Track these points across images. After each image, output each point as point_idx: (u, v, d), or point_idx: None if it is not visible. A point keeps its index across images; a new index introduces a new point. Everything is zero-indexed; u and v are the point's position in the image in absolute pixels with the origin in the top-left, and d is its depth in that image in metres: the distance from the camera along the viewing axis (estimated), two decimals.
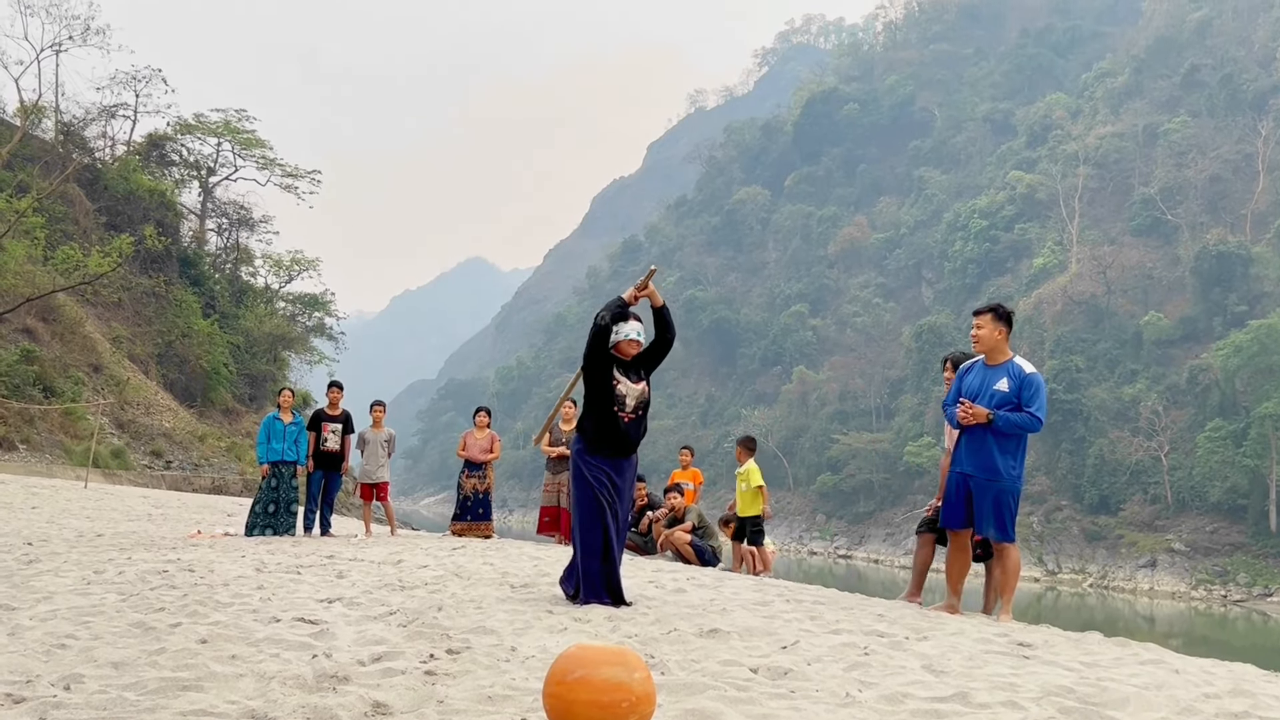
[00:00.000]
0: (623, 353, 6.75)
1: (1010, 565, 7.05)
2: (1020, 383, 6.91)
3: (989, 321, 7.14)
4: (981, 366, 7.20)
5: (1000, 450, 6.90)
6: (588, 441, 6.72)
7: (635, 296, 6.81)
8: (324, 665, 4.29)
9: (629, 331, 6.72)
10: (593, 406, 6.72)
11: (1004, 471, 6.89)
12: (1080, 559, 61.50)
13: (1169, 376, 68.61)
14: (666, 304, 6.92)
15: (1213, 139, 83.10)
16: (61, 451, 33.79)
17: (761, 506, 12.49)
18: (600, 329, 6.69)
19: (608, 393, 6.66)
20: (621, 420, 6.67)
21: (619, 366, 6.74)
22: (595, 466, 6.66)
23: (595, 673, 3.16)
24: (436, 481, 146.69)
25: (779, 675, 4.49)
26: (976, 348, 7.22)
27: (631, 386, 6.72)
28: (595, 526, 6.59)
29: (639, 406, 6.77)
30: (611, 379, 6.68)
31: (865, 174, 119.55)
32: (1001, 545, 7.02)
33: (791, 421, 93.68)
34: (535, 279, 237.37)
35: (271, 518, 13.30)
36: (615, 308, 6.78)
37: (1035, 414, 6.82)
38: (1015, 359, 7.08)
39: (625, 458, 6.76)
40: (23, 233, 40.29)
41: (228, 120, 59.25)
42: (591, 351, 6.73)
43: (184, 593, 6.45)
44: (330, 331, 64.10)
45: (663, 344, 6.91)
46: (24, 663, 4.15)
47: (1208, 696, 4.35)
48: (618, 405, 6.66)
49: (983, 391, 7.04)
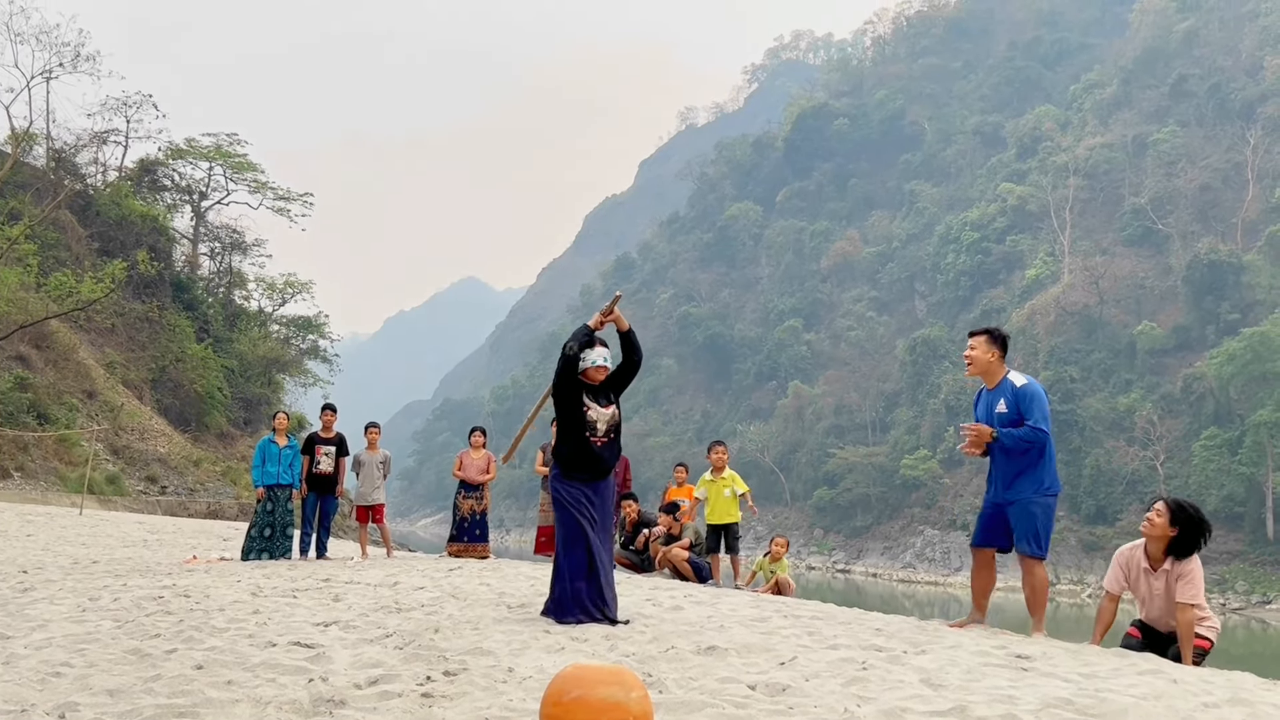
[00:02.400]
0: (590, 379, 6.95)
1: (1037, 582, 6.97)
2: (1016, 398, 6.90)
3: (983, 343, 7.12)
4: (985, 392, 7.22)
5: (1021, 469, 6.87)
6: (563, 466, 6.91)
7: (601, 322, 7.00)
8: (320, 689, 4.27)
9: (595, 358, 6.93)
10: (566, 433, 6.93)
11: (1026, 491, 6.85)
12: (1078, 569, 61.49)
13: (1163, 386, 68.74)
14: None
15: (1202, 148, 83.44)
16: (56, 478, 33.70)
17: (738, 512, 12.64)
18: (569, 359, 6.88)
19: (579, 419, 6.86)
20: (594, 445, 6.86)
21: (588, 392, 6.94)
22: (573, 490, 6.83)
23: (592, 692, 3.14)
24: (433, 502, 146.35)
25: (777, 692, 4.48)
26: (970, 370, 7.20)
27: (601, 411, 6.92)
28: (579, 547, 6.72)
29: (610, 430, 6.96)
30: (582, 405, 6.87)
31: (856, 188, 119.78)
32: (1027, 561, 6.95)
33: (787, 436, 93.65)
34: (529, 298, 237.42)
35: (268, 541, 13.27)
36: (581, 336, 6.98)
37: (1034, 426, 6.78)
38: (1008, 375, 7.06)
39: (601, 480, 6.94)
40: (15, 260, 40.26)
41: (219, 144, 59.29)
42: (560, 380, 6.92)
43: (180, 619, 6.43)
44: (324, 354, 63.97)
45: (630, 366, 7.13)
46: (19, 691, 4.13)
47: (1206, 706, 4.35)
48: (589, 431, 6.86)
49: (987, 418, 7.06)
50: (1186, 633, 6.41)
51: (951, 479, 75.83)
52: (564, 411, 6.92)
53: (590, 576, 6.66)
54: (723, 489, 12.51)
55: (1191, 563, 6.48)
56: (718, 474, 12.67)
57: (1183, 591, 6.44)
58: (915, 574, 69.73)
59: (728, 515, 12.51)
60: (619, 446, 7.06)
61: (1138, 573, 6.72)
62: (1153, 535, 6.56)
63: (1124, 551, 6.85)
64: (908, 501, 78.24)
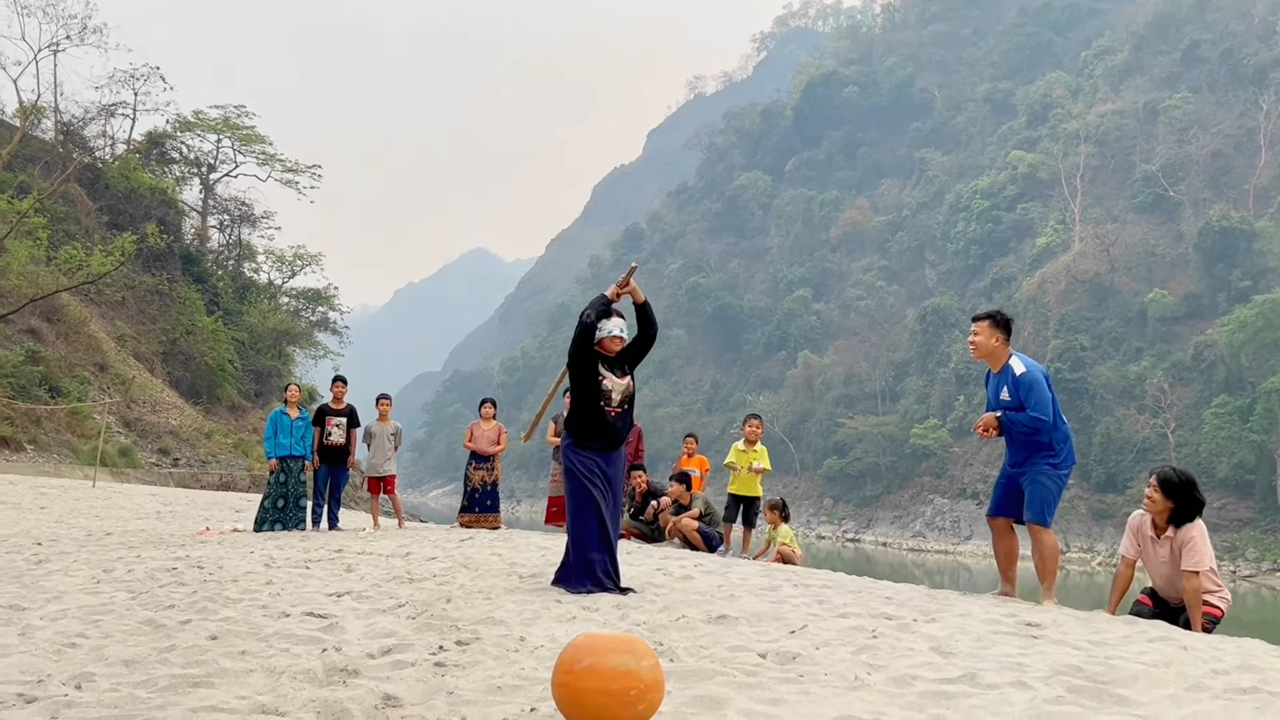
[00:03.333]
0: (606, 349, 6.95)
1: (1046, 549, 7.03)
2: (1016, 386, 6.95)
3: (986, 328, 7.14)
4: (991, 374, 7.27)
5: (1034, 447, 6.95)
6: (576, 436, 6.90)
7: (617, 294, 7.00)
8: (334, 659, 4.30)
9: (612, 328, 6.93)
10: (580, 402, 6.92)
11: (1038, 463, 6.93)
12: (1088, 537, 61.50)
13: (1174, 353, 68.47)
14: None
15: (1214, 114, 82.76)
16: (69, 451, 33.87)
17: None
18: (585, 327, 6.89)
19: (594, 388, 6.85)
20: (608, 414, 6.86)
21: (603, 362, 6.93)
22: (585, 459, 6.84)
23: (603, 661, 3.17)
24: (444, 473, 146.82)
25: (787, 660, 4.50)
26: (974, 354, 7.24)
27: (616, 381, 6.92)
28: (590, 517, 6.75)
29: (624, 400, 6.97)
30: (597, 375, 6.86)
31: (866, 157, 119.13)
32: (1035, 529, 7.00)
33: (797, 406, 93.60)
34: (538, 269, 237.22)
35: (280, 513, 13.33)
36: (599, 305, 6.97)
37: (1033, 414, 6.85)
38: (1010, 360, 7.08)
39: (614, 450, 6.95)
40: (25, 233, 40.34)
41: (227, 117, 59.24)
42: (577, 349, 6.92)
43: (193, 589, 6.47)
44: (334, 326, 64.12)
45: (645, 339, 7.14)
46: (35, 662, 4.17)
47: (1216, 673, 4.35)
48: (604, 400, 6.85)
49: (995, 401, 7.16)
50: (1194, 600, 6.44)
51: (961, 448, 75.78)
52: (579, 381, 6.93)
53: (603, 547, 6.70)
54: (752, 461, 12.42)
55: (1194, 529, 6.51)
56: (750, 446, 12.52)
57: (1187, 560, 6.47)
58: (925, 543, 69.80)
59: (752, 488, 12.43)
60: (631, 418, 7.08)
61: (1145, 540, 6.77)
62: (1155, 511, 6.62)
63: (1135, 517, 6.89)
64: (917, 470, 78.24)
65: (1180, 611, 6.66)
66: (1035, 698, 3.80)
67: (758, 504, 12.54)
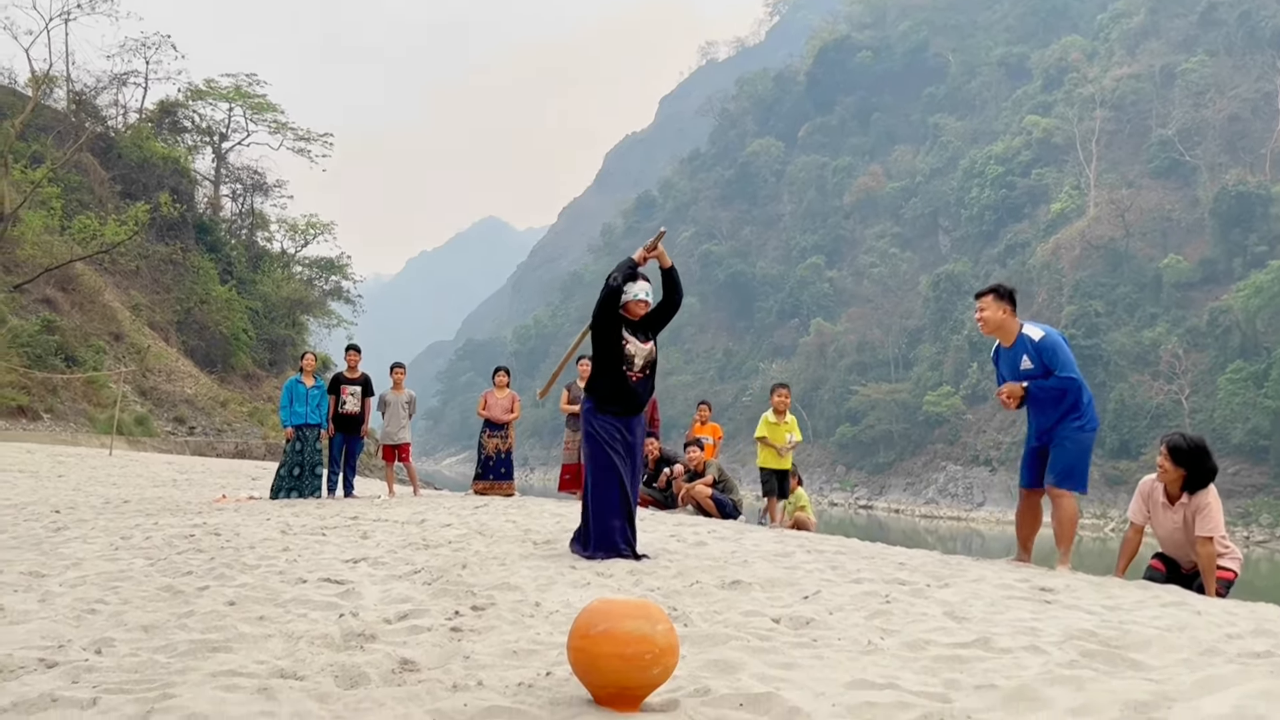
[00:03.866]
0: (631, 313, 6.89)
1: (1065, 515, 7.00)
2: (1038, 352, 6.91)
3: (990, 302, 7.11)
4: (1003, 349, 7.21)
5: (1057, 413, 6.92)
6: (598, 400, 6.85)
7: (644, 257, 6.90)
8: (351, 624, 4.33)
9: (638, 292, 6.85)
10: (602, 366, 6.85)
11: (1063, 430, 6.92)
12: (1102, 504, 61.43)
13: (1189, 319, 68.20)
14: (675, 265, 6.97)
15: (1231, 78, 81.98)
16: (85, 420, 34.07)
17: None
18: (611, 290, 6.81)
19: (617, 352, 6.79)
20: (629, 379, 6.80)
21: (627, 327, 6.86)
22: (606, 424, 6.79)
23: (619, 626, 3.18)
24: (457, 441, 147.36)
25: (801, 625, 4.52)
26: (984, 330, 7.21)
27: (640, 346, 6.85)
28: (611, 483, 6.72)
29: (646, 366, 6.91)
30: (620, 339, 6.80)
31: (879, 122, 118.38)
32: (1056, 493, 6.99)
33: (810, 374, 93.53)
34: (550, 237, 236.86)
35: (297, 480, 13.41)
36: (626, 268, 6.88)
37: (1061, 375, 6.82)
38: (1024, 329, 7.05)
39: (634, 415, 6.89)
40: (39, 203, 40.43)
41: (238, 85, 59.11)
42: (601, 311, 6.85)
43: (211, 556, 6.52)
44: (347, 295, 64.21)
45: (670, 305, 7.03)
46: (55, 628, 4.21)
47: (1230, 637, 4.36)
48: (626, 365, 6.80)
49: (1012, 376, 7.10)
50: (1208, 565, 6.44)
51: (974, 415, 75.75)
52: (602, 344, 6.87)
53: (621, 513, 6.68)
54: (785, 433, 12.05)
55: (1208, 495, 6.50)
56: (781, 417, 12.12)
57: (1201, 525, 6.46)
58: (938, 509, 69.91)
59: (786, 461, 12.12)
60: (653, 383, 7.02)
61: (1156, 506, 6.76)
62: (1168, 480, 6.60)
63: (1146, 483, 6.88)
64: (930, 438, 78.26)
65: (1193, 577, 6.67)
66: (1049, 662, 3.81)
67: (788, 476, 12.29)
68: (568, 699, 3.27)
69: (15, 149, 41.32)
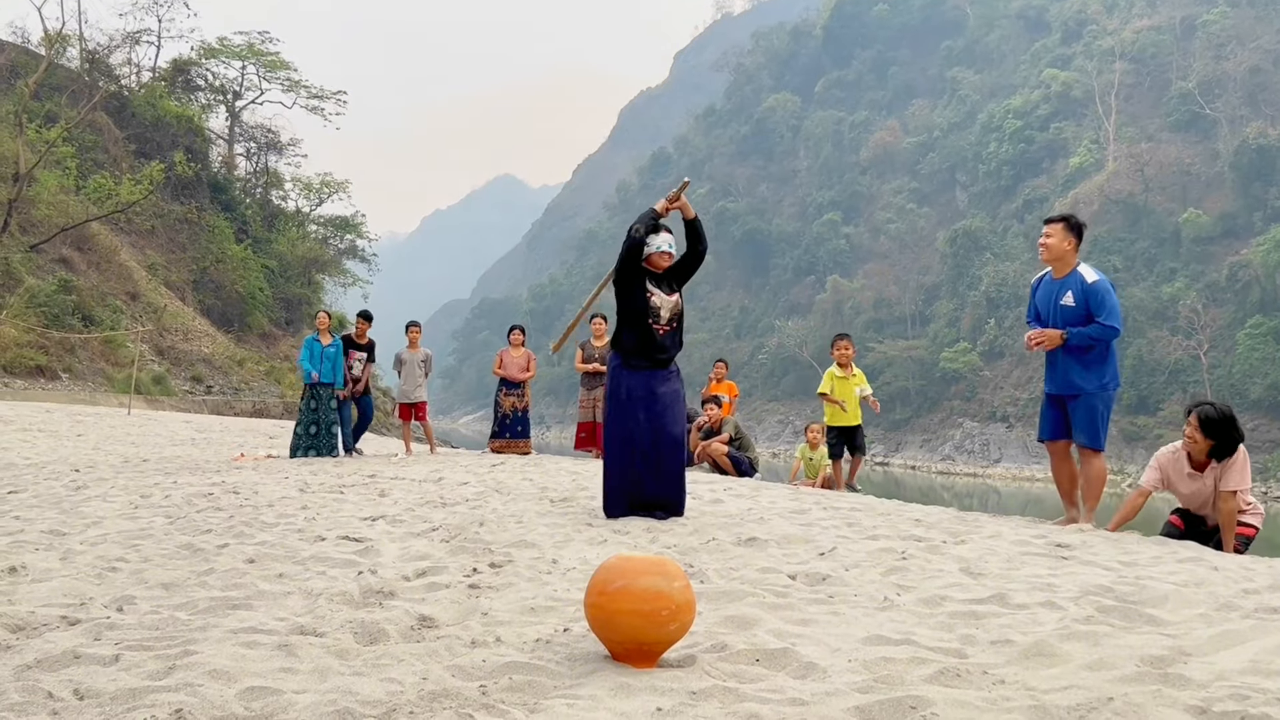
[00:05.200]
0: (655, 265, 6.77)
1: (1093, 473, 7.00)
2: (1085, 293, 6.85)
3: (1060, 230, 7.04)
4: (1049, 280, 7.15)
5: (1082, 365, 6.88)
6: (625, 355, 6.74)
7: (667, 208, 6.79)
8: (370, 581, 4.36)
9: (661, 244, 6.73)
10: (627, 320, 6.74)
11: (1089, 385, 6.87)
12: (1119, 459, 61.22)
13: (1208, 274, 67.71)
14: (698, 216, 6.89)
15: (1252, 29, 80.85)
16: (103, 379, 34.27)
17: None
18: (635, 242, 6.69)
19: (642, 306, 6.68)
20: (656, 332, 6.69)
21: (651, 279, 6.75)
22: (633, 379, 6.67)
23: (635, 582, 3.19)
24: (474, 400, 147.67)
25: (817, 581, 4.53)
26: (1044, 256, 7.11)
27: (665, 298, 6.74)
28: (627, 444, 6.59)
29: (673, 318, 6.79)
30: (645, 292, 6.69)
31: (897, 76, 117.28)
32: (1087, 452, 6.99)
33: (826, 331, 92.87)
34: (565, 195, 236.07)
35: (314, 439, 13.51)
36: (648, 220, 6.76)
37: (1105, 323, 6.77)
38: (1079, 268, 7.00)
39: (663, 368, 6.76)
40: (54, 163, 40.47)
41: (251, 43, 58.88)
42: (624, 264, 6.74)
43: (230, 514, 6.56)
44: (362, 253, 64.19)
45: (694, 256, 6.91)
46: (77, 586, 4.25)
47: (1247, 592, 4.36)
48: (652, 318, 6.68)
49: (1051, 308, 7.02)
50: (1229, 520, 6.43)
51: (991, 371, 75.52)
52: (626, 297, 6.73)
53: (640, 473, 6.54)
54: (853, 388, 11.32)
55: (1237, 454, 6.48)
56: (847, 370, 11.40)
57: (1226, 480, 6.44)
58: (954, 466, 69.87)
59: (857, 416, 11.38)
60: (681, 336, 6.90)
61: (1179, 476, 6.73)
62: (1196, 450, 6.57)
63: (1165, 454, 6.86)
64: (947, 394, 78.08)
65: (1212, 533, 6.65)
66: (1065, 617, 3.81)
67: (861, 432, 11.50)
68: (585, 655, 3.29)
69: (30, 108, 41.33)
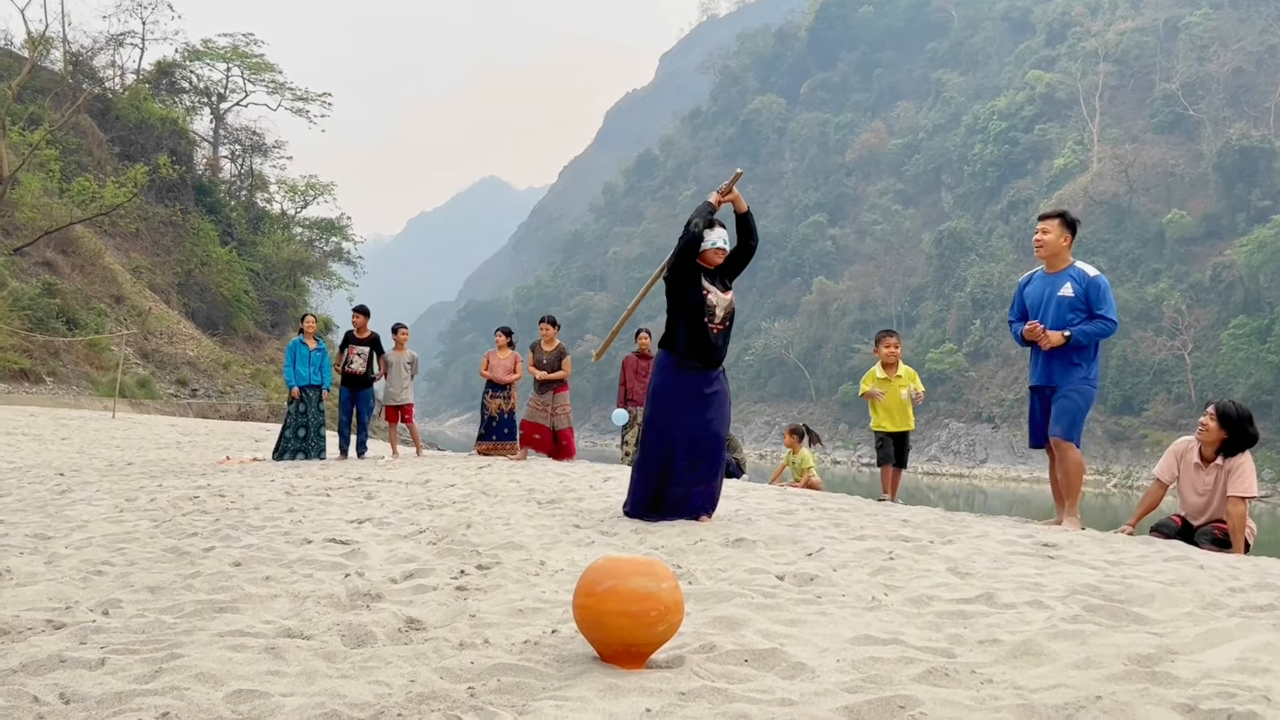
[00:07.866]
0: (708, 261, 6.51)
1: (1071, 465, 7.07)
2: (1086, 286, 6.90)
3: (1056, 227, 7.08)
4: (1041, 276, 7.19)
5: (1069, 363, 6.93)
6: (677, 355, 6.51)
7: (720, 201, 6.55)
8: (357, 584, 4.35)
9: (716, 239, 6.48)
10: (681, 318, 6.48)
11: (1073, 379, 6.94)
12: (1104, 459, 61.61)
13: (1192, 275, 68.09)
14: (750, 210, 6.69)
15: (1235, 31, 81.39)
16: (88, 383, 34.12)
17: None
18: (694, 236, 6.42)
19: (698, 303, 6.44)
20: (711, 331, 6.47)
21: (706, 276, 6.50)
22: (683, 379, 6.49)
23: (624, 583, 3.19)
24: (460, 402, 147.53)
25: (805, 582, 4.53)
26: (1039, 252, 7.14)
27: (721, 296, 6.51)
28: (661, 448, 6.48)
29: (727, 317, 6.58)
30: (701, 289, 6.44)
31: (882, 78, 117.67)
32: (1061, 445, 7.04)
33: (812, 332, 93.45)
34: (551, 197, 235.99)
35: (302, 442, 13.46)
36: (705, 214, 6.51)
37: (1106, 316, 6.86)
38: (1077, 263, 7.07)
39: (714, 369, 6.57)
40: (37, 166, 40.30)
41: (236, 45, 58.75)
42: (680, 260, 6.47)
43: (216, 517, 6.53)
44: (348, 256, 64.01)
45: (745, 251, 6.65)
46: (62, 590, 4.22)
47: (1233, 591, 4.37)
48: (708, 316, 6.45)
49: (1046, 301, 7.04)
50: (1239, 525, 6.47)
51: (977, 372, 75.76)
52: (680, 295, 6.45)
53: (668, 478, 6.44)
54: (899, 389, 10.27)
55: (1243, 458, 6.58)
56: (891, 371, 10.36)
57: (1235, 485, 6.53)
58: (940, 467, 70.04)
59: (906, 420, 10.38)
60: (730, 335, 6.67)
61: (1188, 467, 6.80)
62: (1207, 440, 6.64)
63: (1180, 444, 6.96)
64: (933, 395, 78.13)
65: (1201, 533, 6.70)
66: (1052, 616, 3.82)
67: (908, 439, 10.61)
68: (573, 656, 3.28)
69: (13, 111, 41.15)
